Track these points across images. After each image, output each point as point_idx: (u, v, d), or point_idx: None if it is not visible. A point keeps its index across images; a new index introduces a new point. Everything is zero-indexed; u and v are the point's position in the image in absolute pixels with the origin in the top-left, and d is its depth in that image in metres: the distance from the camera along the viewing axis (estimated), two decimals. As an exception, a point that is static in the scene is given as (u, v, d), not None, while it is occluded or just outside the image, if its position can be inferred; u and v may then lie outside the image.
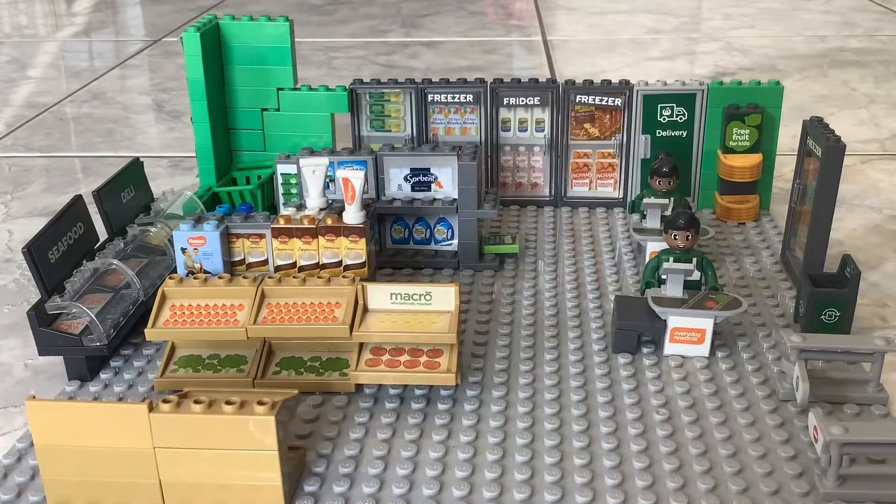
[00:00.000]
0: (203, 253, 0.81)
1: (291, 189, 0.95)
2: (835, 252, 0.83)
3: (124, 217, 0.87)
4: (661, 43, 1.91)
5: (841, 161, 0.79)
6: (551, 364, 0.75)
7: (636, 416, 0.68)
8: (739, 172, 1.00)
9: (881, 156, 1.25)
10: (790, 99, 1.37)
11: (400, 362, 0.71)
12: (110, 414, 0.58)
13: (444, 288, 0.72)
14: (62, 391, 0.74)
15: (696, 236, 0.77)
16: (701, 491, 0.61)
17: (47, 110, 1.55)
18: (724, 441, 0.65)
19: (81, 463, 0.58)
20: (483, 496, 0.60)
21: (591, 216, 1.05)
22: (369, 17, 2.26)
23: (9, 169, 1.28)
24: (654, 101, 1.02)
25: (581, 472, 0.62)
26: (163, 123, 1.48)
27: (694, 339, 0.75)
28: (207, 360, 0.74)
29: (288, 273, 0.82)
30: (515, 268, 0.93)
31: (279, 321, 0.72)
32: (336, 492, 0.61)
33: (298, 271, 0.83)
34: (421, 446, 0.65)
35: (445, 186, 0.92)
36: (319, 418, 0.69)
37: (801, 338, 0.68)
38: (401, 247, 0.95)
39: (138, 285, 0.80)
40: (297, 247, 0.82)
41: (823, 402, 0.69)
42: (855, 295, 0.76)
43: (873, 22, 2.09)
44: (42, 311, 0.73)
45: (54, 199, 1.16)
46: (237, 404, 0.57)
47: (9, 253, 1.01)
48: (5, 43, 2.10)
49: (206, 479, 0.58)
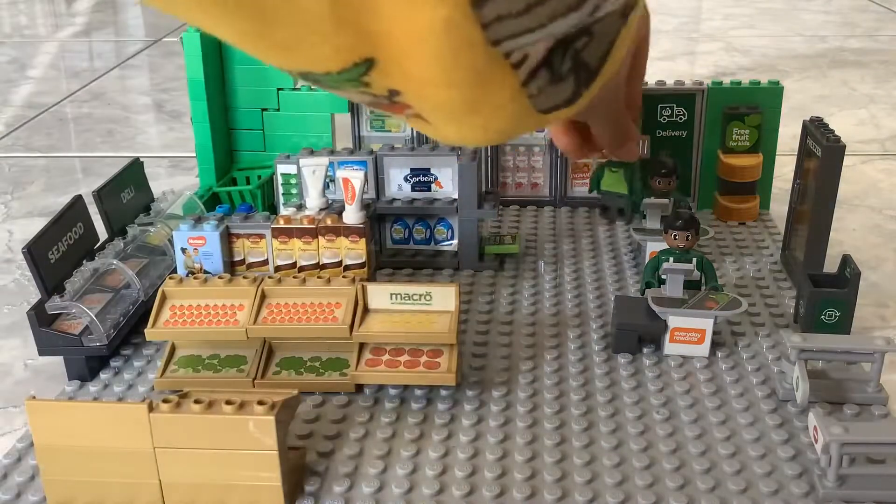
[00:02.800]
0: (203, 253, 0.82)
1: (291, 189, 0.95)
2: (835, 252, 0.83)
3: (124, 217, 0.87)
4: (661, 43, 1.91)
5: (841, 161, 0.79)
6: (552, 364, 0.75)
7: (636, 416, 0.68)
8: (739, 172, 1.00)
9: (881, 156, 1.25)
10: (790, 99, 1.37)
11: (400, 362, 0.71)
12: (110, 414, 0.58)
13: (444, 288, 0.72)
14: (62, 391, 0.74)
15: (696, 236, 0.77)
16: (701, 490, 0.61)
17: (47, 110, 1.55)
18: (724, 441, 0.65)
19: (81, 463, 0.58)
20: (483, 495, 0.60)
21: (591, 216, 1.05)
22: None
23: (9, 169, 1.28)
24: (653, 102, 1.02)
25: (581, 471, 0.62)
26: (163, 123, 1.48)
27: (694, 339, 0.75)
28: (207, 360, 0.74)
29: (288, 273, 0.82)
30: (516, 268, 0.93)
31: (279, 321, 0.72)
32: (336, 491, 0.61)
33: (298, 271, 0.83)
34: (421, 446, 0.65)
35: (445, 186, 0.92)
36: (320, 418, 0.69)
37: (802, 338, 0.68)
38: (401, 247, 0.95)
39: (138, 285, 0.80)
40: (298, 247, 0.82)
41: (823, 402, 0.69)
42: (855, 295, 0.76)
43: (873, 22, 2.09)
44: (42, 311, 0.73)
45: (54, 199, 1.16)
46: (237, 404, 0.57)
47: (9, 253, 1.01)
48: (5, 43, 2.10)
49: (206, 479, 0.58)
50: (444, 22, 0.30)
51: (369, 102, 0.36)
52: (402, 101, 0.35)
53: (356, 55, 0.32)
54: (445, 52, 0.31)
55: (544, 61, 0.34)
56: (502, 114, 0.35)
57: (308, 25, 0.30)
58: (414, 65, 0.32)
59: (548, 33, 0.32)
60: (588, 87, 0.37)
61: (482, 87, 0.34)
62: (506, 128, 0.36)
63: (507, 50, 0.32)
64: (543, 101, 0.36)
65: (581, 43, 0.35)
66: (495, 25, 0.31)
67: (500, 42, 0.32)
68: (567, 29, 0.33)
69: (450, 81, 0.33)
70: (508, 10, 0.31)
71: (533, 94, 0.35)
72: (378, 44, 0.31)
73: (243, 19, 0.30)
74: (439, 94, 0.33)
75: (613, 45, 0.37)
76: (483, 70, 0.33)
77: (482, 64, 0.32)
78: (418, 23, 0.30)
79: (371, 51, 0.32)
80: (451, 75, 0.32)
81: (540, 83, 0.35)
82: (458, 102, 0.34)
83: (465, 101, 0.34)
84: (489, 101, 0.34)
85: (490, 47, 0.32)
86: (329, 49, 0.31)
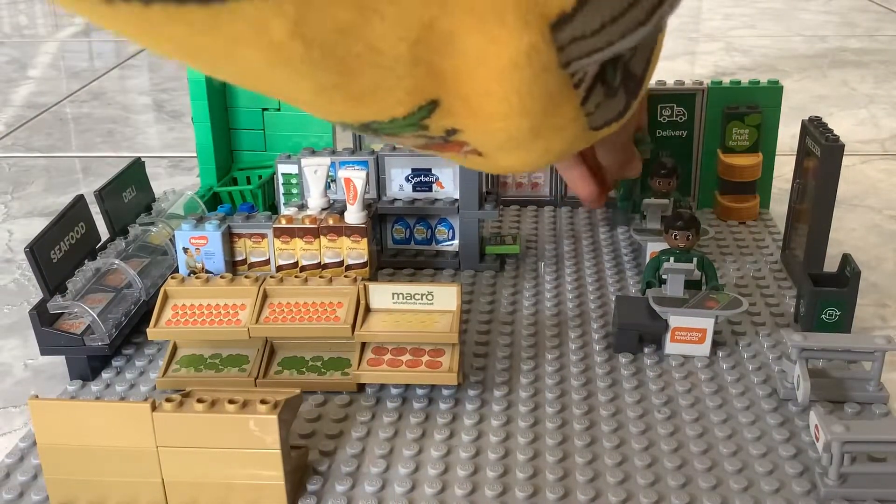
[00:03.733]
0: (205, 253, 0.82)
1: (292, 189, 0.96)
2: (835, 252, 0.83)
3: (126, 217, 0.87)
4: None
5: (840, 160, 0.79)
6: (553, 363, 0.75)
7: (638, 415, 0.68)
8: (739, 172, 1.01)
9: (881, 156, 1.26)
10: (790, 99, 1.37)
11: (402, 362, 0.71)
12: (113, 413, 0.58)
13: (445, 287, 0.73)
14: (64, 391, 0.74)
15: (696, 236, 0.77)
16: (702, 489, 0.61)
17: (47, 110, 1.55)
18: (725, 440, 0.66)
19: (84, 462, 0.58)
20: (485, 494, 0.60)
21: (591, 216, 1.05)
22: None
23: (9, 169, 1.28)
24: (653, 101, 1.02)
25: (583, 470, 0.62)
26: (163, 123, 1.48)
27: (695, 338, 0.75)
28: (209, 359, 0.74)
29: (290, 273, 0.82)
30: (516, 268, 0.93)
31: (281, 321, 0.72)
32: (338, 490, 0.61)
33: (300, 271, 0.83)
34: (423, 445, 0.66)
35: (447, 187, 0.92)
36: (322, 417, 0.69)
37: (802, 337, 0.69)
38: (402, 247, 0.95)
39: (140, 285, 0.80)
40: (299, 246, 0.82)
41: (824, 401, 0.70)
42: (855, 294, 0.76)
43: (873, 22, 2.09)
44: (44, 310, 0.73)
45: (54, 199, 1.16)
46: (240, 403, 0.57)
47: (9, 253, 1.01)
48: (5, 43, 2.10)
49: (208, 478, 0.58)
50: (527, 50, 0.29)
51: (422, 145, 0.34)
52: (459, 140, 0.33)
53: (423, 97, 0.31)
54: (525, 82, 0.30)
55: (598, 77, 0.33)
56: (563, 135, 0.34)
57: (386, 69, 0.29)
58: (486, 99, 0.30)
59: (614, 51, 0.31)
60: (636, 97, 0.36)
61: (552, 112, 0.32)
62: (564, 149, 0.35)
63: (573, 70, 0.32)
64: (599, 118, 0.35)
65: (628, 55, 0.34)
66: (570, 47, 0.30)
67: (570, 63, 0.31)
68: (633, 45, 0.32)
69: (524, 110, 0.31)
70: (583, 31, 0.30)
71: (590, 112, 0.34)
72: (445, 83, 0.30)
73: (326, 71, 0.29)
74: (510, 125, 0.32)
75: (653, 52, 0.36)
76: (555, 94, 0.32)
77: (554, 88, 0.31)
78: (501, 57, 0.29)
79: (437, 91, 0.30)
80: (526, 104, 0.31)
81: (597, 99, 0.34)
82: (526, 130, 0.33)
83: (533, 127, 0.33)
84: (553, 123, 0.33)
85: (562, 70, 0.31)
86: (401, 93, 0.30)
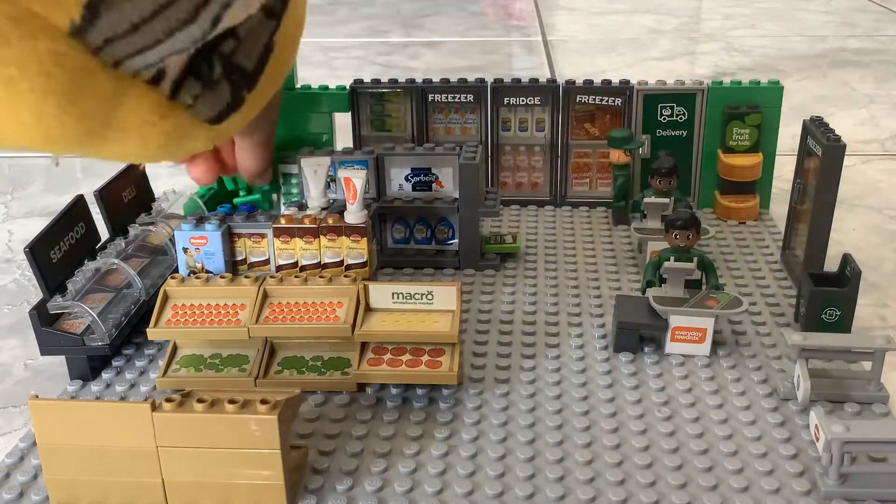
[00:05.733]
0: (205, 252, 0.82)
1: (292, 189, 0.96)
2: (835, 252, 0.83)
3: (126, 217, 0.87)
4: (661, 43, 1.91)
5: (841, 161, 0.79)
6: (552, 363, 0.75)
7: (637, 415, 0.68)
8: (739, 172, 1.01)
9: (881, 156, 1.26)
10: (790, 99, 1.37)
11: (402, 361, 0.71)
12: (113, 413, 0.58)
13: (445, 287, 0.73)
14: (64, 391, 0.74)
15: (696, 236, 0.77)
16: (702, 488, 0.61)
17: (48, 110, 1.55)
18: (725, 439, 0.66)
19: (84, 462, 0.58)
20: (485, 493, 0.60)
21: (591, 216, 1.05)
22: (369, 18, 2.26)
23: (9, 169, 1.28)
24: (654, 101, 1.02)
25: (583, 469, 0.62)
26: (163, 124, 1.48)
27: (695, 338, 0.75)
28: (209, 359, 0.74)
29: (290, 272, 0.82)
30: (516, 267, 0.93)
31: (281, 321, 0.72)
32: (338, 490, 0.61)
33: (300, 271, 0.83)
34: (423, 444, 0.66)
35: (446, 186, 0.92)
36: (321, 417, 0.69)
37: (802, 336, 0.69)
38: (402, 246, 0.95)
39: (140, 285, 0.80)
40: (299, 246, 0.82)
41: (824, 401, 0.70)
42: (855, 294, 0.76)
43: (873, 22, 2.09)
44: (44, 310, 0.73)
45: (54, 199, 1.16)
46: (240, 403, 0.57)
47: (9, 253, 1.01)
48: (5, 43, 2.10)
49: (209, 478, 0.58)
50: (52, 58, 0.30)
51: None
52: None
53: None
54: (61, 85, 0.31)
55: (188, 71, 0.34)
56: (155, 130, 0.35)
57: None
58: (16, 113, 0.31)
59: (171, 48, 0.33)
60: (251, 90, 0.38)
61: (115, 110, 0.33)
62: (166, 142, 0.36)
63: (133, 69, 0.33)
64: (205, 110, 0.36)
65: (228, 48, 0.35)
66: (109, 48, 0.31)
67: (122, 62, 0.32)
68: (190, 41, 0.33)
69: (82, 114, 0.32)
70: (114, 32, 0.31)
71: (190, 105, 0.35)
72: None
73: None
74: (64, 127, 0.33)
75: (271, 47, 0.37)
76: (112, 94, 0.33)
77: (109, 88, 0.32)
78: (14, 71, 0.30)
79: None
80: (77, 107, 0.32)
81: (192, 91, 0.35)
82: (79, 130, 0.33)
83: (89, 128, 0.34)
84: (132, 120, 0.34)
85: (112, 70, 0.32)
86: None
